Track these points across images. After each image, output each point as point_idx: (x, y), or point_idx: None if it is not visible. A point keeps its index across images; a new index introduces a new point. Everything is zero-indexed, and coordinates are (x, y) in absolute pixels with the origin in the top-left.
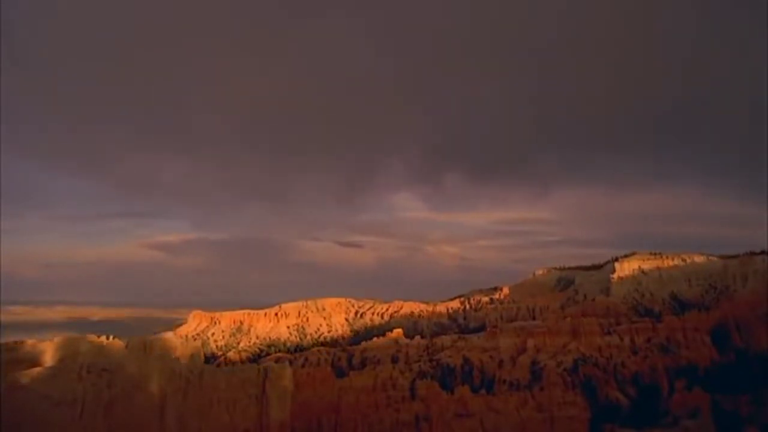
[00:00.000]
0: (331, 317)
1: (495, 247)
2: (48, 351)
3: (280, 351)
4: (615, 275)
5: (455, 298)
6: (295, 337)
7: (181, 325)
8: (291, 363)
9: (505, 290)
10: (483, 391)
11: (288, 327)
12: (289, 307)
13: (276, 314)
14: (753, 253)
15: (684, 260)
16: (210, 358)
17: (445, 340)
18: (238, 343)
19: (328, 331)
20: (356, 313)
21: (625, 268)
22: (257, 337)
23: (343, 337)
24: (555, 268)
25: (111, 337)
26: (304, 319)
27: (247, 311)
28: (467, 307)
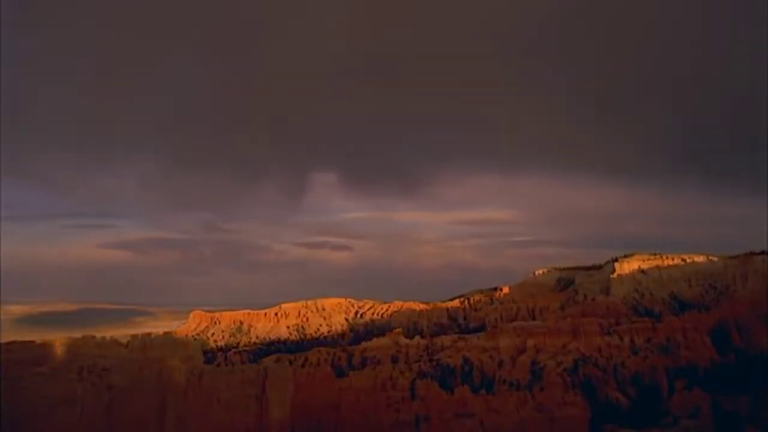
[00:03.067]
0: (331, 317)
1: (471, 247)
2: (48, 351)
3: (280, 351)
4: (615, 275)
5: (455, 298)
6: (295, 337)
7: (181, 325)
8: (291, 363)
9: (505, 290)
10: (483, 391)
11: (288, 327)
12: (289, 307)
13: (276, 314)
14: (753, 253)
15: (684, 260)
16: (210, 358)
17: (445, 340)
18: (238, 343)
19: (328, 331)
20: (356, 313)
21: (625, 268)
22: (257, 337)
23: (343, 337)
24: (555, 268)
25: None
26: (304, 319)
27: (247, 311)
28: (467, 307)
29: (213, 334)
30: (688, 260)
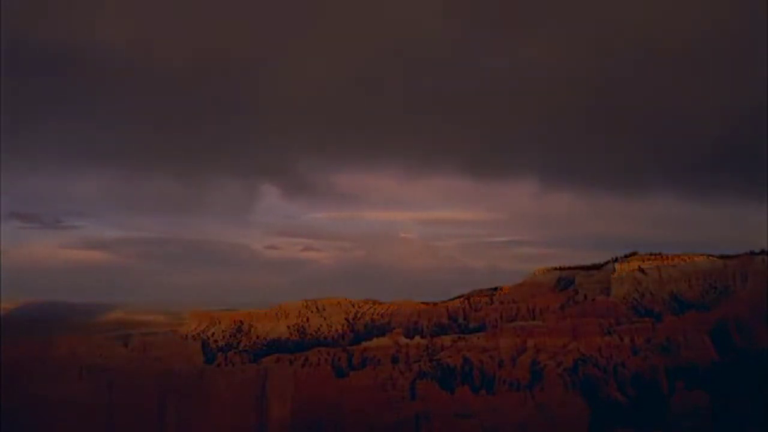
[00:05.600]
0: (331, 317)
1: (455, 247)
2: (48, 351)
3: (280, 351)
4: (615, 275)
5: (455, 298)
6: (295, 337)
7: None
8: (291, 363)
9: (505, 290)
10: (483, 391)
11: (288, 327)
12: (289, 307)
13: (276, 314)
14: (753, 253)
15: (684, 260)
16: (210, 358)
17: (445, 340)
18: (238, 343)
19: (328, 331)
20: (356, 313)
21: (625, 268)
22: (257, 337)
23: (343, 337)
24: (555, 268)
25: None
26: (304, 319)
27: (247, 311)
28: (467, 307)
29: (213, 334)
30: (688, 260)
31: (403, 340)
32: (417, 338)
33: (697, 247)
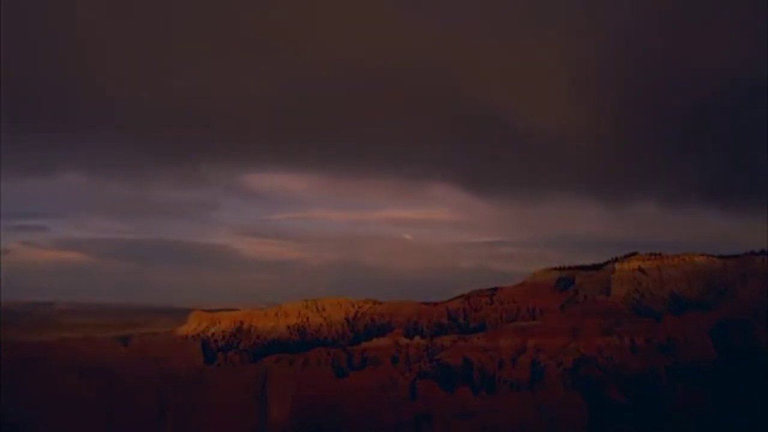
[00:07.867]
0: (331, 317)
1: (438, 246)
2: (48, 351)
3: (280, 351)
4: (615, 275)
5: (455, 298)
6: (295, 337)
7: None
8: (291, 363)
9: (505, 290)
10: (483, 391)
11: (288, 327)
12: (289, 307)
13: (276, 314)
14: (753, 253)
15: (684, 260)
16: (210, 358)
17: (445, 340)
18: (238, 343)
19: (328, 331)
20: (356, 313)
21: (625, 268)
22: (257, 337)
23: (343, 337)
24: (555, 268)
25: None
26: (304, 319)
27: (247, 311)
28: (467, 307)
29: (213, 334)
30: (688, 260)
31: (403, 340)
32: (417, 338)
33: (697, 247)
